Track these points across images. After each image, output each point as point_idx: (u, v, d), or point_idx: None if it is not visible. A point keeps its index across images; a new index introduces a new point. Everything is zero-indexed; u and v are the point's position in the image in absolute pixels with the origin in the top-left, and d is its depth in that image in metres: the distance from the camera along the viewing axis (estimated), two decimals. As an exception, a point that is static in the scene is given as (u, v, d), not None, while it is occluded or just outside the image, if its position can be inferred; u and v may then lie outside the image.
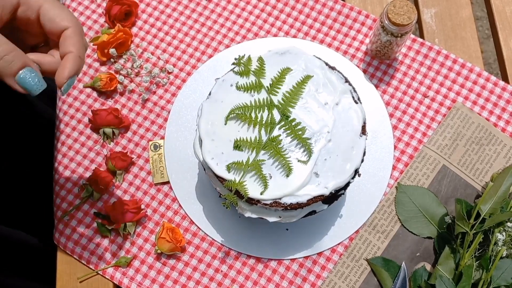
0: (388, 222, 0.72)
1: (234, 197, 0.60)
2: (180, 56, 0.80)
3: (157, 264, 0.71)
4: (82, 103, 0.78)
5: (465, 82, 0.78)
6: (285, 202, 0.60)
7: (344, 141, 0.62)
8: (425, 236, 0.71)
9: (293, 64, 0.65)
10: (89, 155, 0.76)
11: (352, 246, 0.71)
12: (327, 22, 0.81)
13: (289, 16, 0.81)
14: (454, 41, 0.81)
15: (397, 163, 0.75)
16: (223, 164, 0.61)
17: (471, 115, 0.76)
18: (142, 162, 0.75)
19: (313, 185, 0.61)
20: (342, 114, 0.63)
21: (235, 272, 0.71)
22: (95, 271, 0.71)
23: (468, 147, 0.74)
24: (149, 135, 0.76)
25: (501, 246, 0.66)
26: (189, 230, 0.73)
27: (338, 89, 0.64)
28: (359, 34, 0.80)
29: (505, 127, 0.76)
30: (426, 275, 0.69)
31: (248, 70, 0.64)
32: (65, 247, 0.72)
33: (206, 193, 0.74)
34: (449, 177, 0.73)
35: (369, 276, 0.70)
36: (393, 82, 0.78)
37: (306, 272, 0.71)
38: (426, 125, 0.76)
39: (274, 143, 0.61)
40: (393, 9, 0.69)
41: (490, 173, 0.74)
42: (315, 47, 0.79)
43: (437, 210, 0.72)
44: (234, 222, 0.73)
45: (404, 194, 0.72)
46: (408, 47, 0.79)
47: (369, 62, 0.79)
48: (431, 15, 0.82)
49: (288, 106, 0.62)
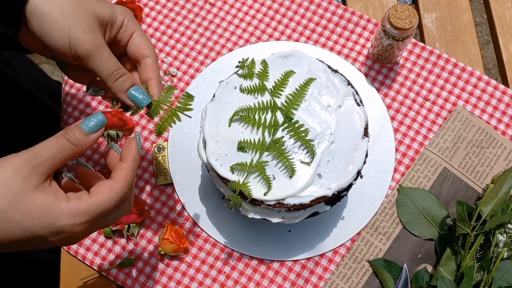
0: (389, 224, 0.73)
1: (238, 198, 0.61)
2: (184, 59, 0.81)
3: (160, 265, 0.72)
4: (86, 106, 0.78)
5: (465, 85, 0.79)
6: (288, 203, 0.61)
7: (347, 143, 0.63)
8: (427, 237, 0.72)
9: (296, 67, 0.66)
10: (93, 157, 0.76)
11: (354, 248, 0.72)
12: (329, 26, 0.82)
13: (291, 20, 0.82)
14: (455, 46, 0.82)
15: (399, 166, 0.75)
16: (227, 165, 0.62)
17: (472, 118, 0.77)
18: (146, 164, 0.76)
19: (316, 186, 0.61)
20: (345, 116, 0.64)
21: (238, 273, 0.72)
22: (99, 272, 0.72)
23: (469, 150, 0.75)
24: (153, 137, 0.77)
25: (502, 247, 0.67)
26: (192, 232, 0.73)
27: (340, 91, 0.65)
28: (360, 38, 0.81)
29: (505, 130, 0.77)
30: (427, 277, 0.70)
31: (251, 73, 0.65)
32: (69, 248, 0.73)
33: (209, 194, 0.74)
34: (450, 179, 0.74)
35: (371, 277, 0.71)
36: (395, 85, 0.79)
37: (309, 274, 0.72)
38: (427, 128, 0.77)
39: (277, 144, 0.62)
40: (394, 14, 0.70)
41: (491, 175, 0.74)
42: (317, 51, 0.80)
43: (439, 212, 0.72)
44: (237, 224, 0.73)
45: (406, 196, 0.73)
46: (409, 51, 0.80)
47: (370, 66, 0.80)
48: (432, 19, 0.83)
49: (291, 108, 0.63)
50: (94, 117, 0.47)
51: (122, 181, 0.47)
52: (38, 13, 0.49)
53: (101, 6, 0.52)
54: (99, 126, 0.47)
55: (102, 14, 0.52)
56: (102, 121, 0.48)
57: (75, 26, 0.49)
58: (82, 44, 0.50)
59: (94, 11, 0.51)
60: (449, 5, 0.84)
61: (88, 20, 0.50)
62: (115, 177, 0.48)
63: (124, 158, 0.49)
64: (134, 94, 0.53)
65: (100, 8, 0.52)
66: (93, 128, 0.47)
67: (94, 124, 0.47)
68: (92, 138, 0.47)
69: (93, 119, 0.47)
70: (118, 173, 0.48)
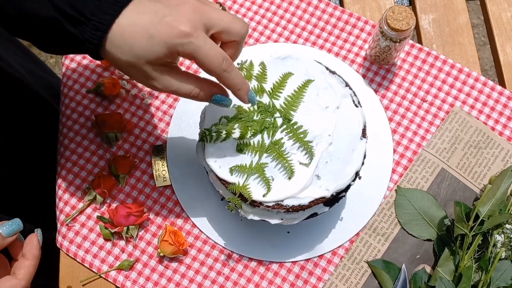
0: (388, 224, 0.73)
1: (238, 200, 0.61)
2: (182, 61, 0.81)
3: (160, 267, 0.72)
4: (85, 108, 0.79)
5: (462, 86, 0.79)
6: (287, 204, 0.61)
7: (345, 144, 0.63)
8: (425, 238, 0.72)
9: (294, 69, 0.66)
10: (92, 159, 0.76)
11: (352, 249, 0.72)
12: (326, 28, 0.82)
13: (289, 22, 0.83)
14: (452, 47, 0.82)
15: (397, 167, 0.76)
16: (226, 167, 0.62)
17: (469, 119, 0.77)
18: (145, 166, 0.76)
19: (315, 187, 0.62)
20: (343, 117, 0.64)
21: (237, 275, 0.72)
22: (98, 274, 0.72)
23: (466, 151, 0.76)
24: (152, 139, 0.77)
25: (500, 247, 0.67)
26: (191, 233, 0.73)
27: (338, 93, 0.65)
28: (358, 39, 0.81)
29: (502, 130, 0.77)
30: (426, 277, 0.70)
31: (250, 75, 0.65)
32: (68, 250, 0.73)
33: (208, 196, 0.74)
34: (448, 180, 0.74)
35: (370, 278, 0.71)
36: (392, 86, 0.79)
37: (308, 275, 0.72)
38: (425, 129, 0.77)
39: (276, 146, 0.62)
40: (392, 15, 0.70)
41: (488, 176, 0.75)
42: (315, 52, 0.81)
43: (437, 212, 0.73)
44: (236, 225, 0.73)
45: (404, 197, 0.73)
46: (407, 53, 0.81)
47: (368, 67, 0.80)
48: (429, 21, 0.83)
49: (290, 110, 0.63)
50: (13, 223, 0.54)
51: (24, 279, 0.53)
52: None
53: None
54: (15, 231, 0.54)
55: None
56: (19, 227, 0.54)
57: None
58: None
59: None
60: (446, 6, 0.84)
61: None
62: (18, 274, 0.54)
63: (26, 256, 0.55)
64: (217, 100, 0.56)
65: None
66: (10, 233, 0.53)
67: (11, 230, 0.54)
68: (7, 241, 0.53)
69: (12, 225, 0.54)
70: (22, 271, 0.54)
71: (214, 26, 0.52)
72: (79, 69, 0.80)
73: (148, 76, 0.51)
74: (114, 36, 0.49)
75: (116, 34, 0.49)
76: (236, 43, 0.54)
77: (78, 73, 0.80)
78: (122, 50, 0.49)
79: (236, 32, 0.53)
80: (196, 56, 0.50)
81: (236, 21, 0.53)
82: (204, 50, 0.50)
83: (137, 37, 0.49)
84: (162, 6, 0.50)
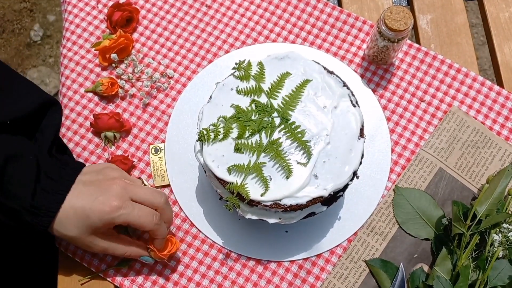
0: (386, 224, 0.73)
1: (236, 200, 0.61)
2: (181, 61, 0.81)
3: (158, 266, 0.72)
4: (83, 108, 0.79)
5: (460, 86, 0.79)
6: (285, 204, 0.61)
7: (343, 143, 0.64)
8: (423, 237, 0.72)
9: (292, 69, 0.66)
10: (90, 159, 0.76)
11: (350, 248, 0.72)
12: (325, 28, 0.82)
13: (287, 22, 0.83)
14: (450, 47, 0.82)
15: (395, 166, 0.76)
16: (224, 167, 0.62)
17: (467, 118, 0.77)
18: (143, 165, 0.76)
19: (313, 186, 0.62)
20: (341, 117, 0.65)
21: (235, 274, 0.72)
22: (97, 273, 0.72)
23: (464, 150, 0.76)
24: (150, 138, 0.77)
25: (497, 247, 0.67)
26: (190, 233, 0.74)
27: (336, 93, 0.65)
28: (356, 39, 0.82)
29: (500, 130, 0.77)
30: (423, 276, 0.70)
31: (248, 75, 0.66)
32: (67, 249, 0.73)
33: (206, 195, 0.75)
34: (446, 179, 0.75)
35: (368, 277, 0.71)
36: (390, 86, 0.80)
37: (305, 274, 0.72)
38: (423, 129, 0.78)
39: (274, 146, 0.62)
40: (389, 15, 0.70)
41: (486, 175, 0.75)
42: (313, 52, 0.81)
43: (434, 212, 0.73)
44: (234, 224, 0.74)
45: (402, 197, 0.74)
46: (405, 53, 0.81)
47: (366, 67, 0.80)
48: (427, 21, 0.84)
49: (287, 110, 0.64)
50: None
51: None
52: None
53: None
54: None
55: None
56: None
57: None
58: None
59: None
60: (444, 6, 0.84)
61: None
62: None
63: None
64: (143, 259, 0.69)
65: None
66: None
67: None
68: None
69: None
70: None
71: (138, 199, 0.64)
72: (78, 68, 0.80)
73: (88, 245, 0.64)
74: (59, 219, 0.61)
75: (61, 216, 0.61)
76: (160, 209, 0.66)
77: (76, 72, 0.80)
78: (66, 228, 0.62)
79: (157, 202, 0.65)
80: (130, 222, 0.62)
81: (155, 194, 0.65)
82: (134, 214, 0.62)
83: (77, 217, 0.61)
84: (95, 188, 0.62)
